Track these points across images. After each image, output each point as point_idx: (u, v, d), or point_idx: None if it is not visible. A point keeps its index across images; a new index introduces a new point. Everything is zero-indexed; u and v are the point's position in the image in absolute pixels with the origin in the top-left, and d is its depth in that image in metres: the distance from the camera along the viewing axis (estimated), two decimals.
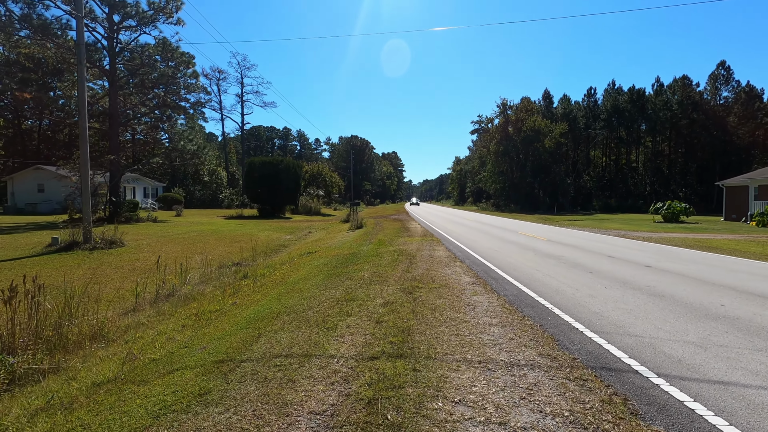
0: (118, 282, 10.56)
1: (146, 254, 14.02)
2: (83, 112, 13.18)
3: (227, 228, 24.39)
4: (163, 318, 7.04)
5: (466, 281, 6.85)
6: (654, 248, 12.25)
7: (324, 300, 5.77)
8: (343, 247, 12.22)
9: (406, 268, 8.00)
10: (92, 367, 4.79)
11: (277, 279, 8.43)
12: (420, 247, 11.31)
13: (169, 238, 18.52)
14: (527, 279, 7.13)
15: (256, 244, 17.95)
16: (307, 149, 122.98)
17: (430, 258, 9.43)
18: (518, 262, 9.00)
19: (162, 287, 9.22)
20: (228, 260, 13.82)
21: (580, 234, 17.74)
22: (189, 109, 35.21)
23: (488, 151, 64.79)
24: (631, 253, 11.00)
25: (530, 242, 13.55)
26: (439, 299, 5.58)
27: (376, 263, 8.72)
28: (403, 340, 3.94)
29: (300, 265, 9.95)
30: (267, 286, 7.91)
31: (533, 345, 3.83)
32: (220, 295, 8.03)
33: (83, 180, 13.46)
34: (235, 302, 6.82)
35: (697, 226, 24.76)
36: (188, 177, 61.22)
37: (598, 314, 4.94)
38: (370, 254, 10.11)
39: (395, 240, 13.41)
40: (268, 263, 11.27)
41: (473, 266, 8.40)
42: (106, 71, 26.80)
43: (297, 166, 40.42)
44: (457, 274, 7.51)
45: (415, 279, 6.94)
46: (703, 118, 60.11)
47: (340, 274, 7.80)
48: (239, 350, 4.04)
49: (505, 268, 8.26)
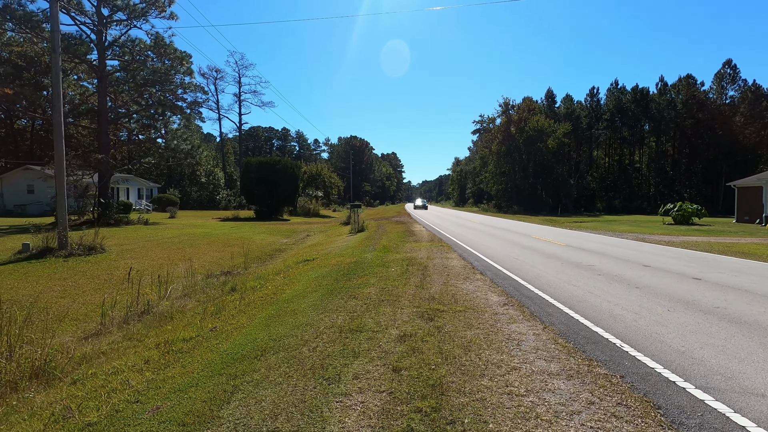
0: (90, 295, 9.35)
1: (128, 261, 12.80)
2: (58, 105, 11.97)
3: (221, 231, 23.18)
4: (128, 346, 5.84)
5: (495, 301, 5.65)
6: (686, 255, 11.07)
7: (323, 329, 4.57)
8: (344, 254, 11.02)
9: (419, 283, 6.80)
10: (13, 426, 3.59)
11: (269, 294, 7.23)
12: (430, 255, 10.11)
13: (157, 242, 17.30)
14: (568, 298, 5.94)
15: (250, 249, 16.74)
16: (306, 150, 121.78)
17: (444, 268, 8.23)
18: (547, 275, 7.81)
19: (137, 303, 8.02)
20: (218, 268, 12.62)
21: (596, 237, 16.58)
22: (186, 109, 34.03)
23: (490, 152, 63.63)
24: (665, 261, 9.82)
25: (549, 248, 12.36)
26: (470, 330, 4.39)
27: (383, 275, 7.53)
28: (437, 406, 2.75)
29: (296, 276, 8.75)
30: (256, 303, 6.70)
31: (627, 416, 2.63)
32: (200, 314, 6.83)
33: (58, 179, 12.25)
34: (215, 327, 5.62)
35: (712, 228, 23.61)
36: (185, 178, 60.00)
37: (686, 355, 3.75)
38: (375, 263, 8.91)
39: (401, 246, 12.21)
40: (261, 273, 10.07)
41: (497, 280, 7.20)
42: (94, 66, 25.57)
43: (295, 167, 39.20)
44: (482, 290, 6.32)
45: (433, 298, 5.74)
46: (709, 117, 59.04)
47: (342, 289, 6.61)
48: (202, 417, 2.84)
49: (535, 282, 7.06)
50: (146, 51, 27.76)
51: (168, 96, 30.86)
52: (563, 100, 71.24)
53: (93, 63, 25.40)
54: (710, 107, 60.34)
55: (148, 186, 47.92)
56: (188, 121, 51.75)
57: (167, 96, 30.74)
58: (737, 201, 33.04)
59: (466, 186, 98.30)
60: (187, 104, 33.47)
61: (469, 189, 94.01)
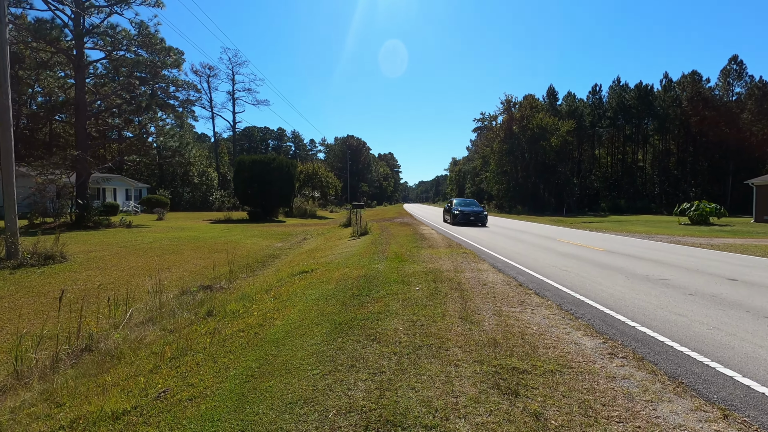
0: (28, 320, 7.36)
1: (92, 273, 10.79)
2: (5, 87, 9.95)
3: (210, 234, 21.16)
4: (43, 412, 3.89)
5: (592, 348, 3.74)
6: (756, 262, 9.24)
7: (333, 417, 2.64)
8: (349, 264, 9.09)
9: (462, 311, 4.89)
10: None
11: (253, 327, 5.28)
12: (457, 266, 8.19)
13: (135, 248, 15.29)
14: (698, 340, 4.03)
15: (240, 256, 14.78)
16: (302, 150, 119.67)
17: (484, 287, 6.31)
18: (624, 295, 5.91)
19: (78, 334, 6.06)
20: (199, 279, 10.65)
21: (624, 240, 14.83)
22: (178, 107, 31.93)
23: (492, 150, 61.92)
24: (744, 271, 7.97)
25: (589, 254, 10.48)
26: (597, 426, 2.47)
27: (407, 298, 5.61)
28: None
29: (290, 295, 6.80)
30: (233, 343, 4.76)
31: None
32: (156, 356, 4.89)
33: (5, 174, 10.23)
34: (166, 390, 3.67)
35: (736, 229, 21.92)
36: (177, 178, 57.90)
37: None
38: (391, 278, 6.98)
39: (416, 253, 10.28)
40: (247, 290, 8.10)
41: (566, 305, 5.28)
42: (70, 55, 23.48)
43: (291, 165, 37.15)
44: (558, 325, 4.40)
45: (496, 343, 3.82)
46: (715, 114, 57.56)
47: (354, 322, 4.68)
48: None
49: (621, 308, 5.15)
50: (129, 40, 25.69)
51: (160, 95, 28.80)
52: (565, 98, 69.57)
53: (69, 51, 23.31)
54: (716, 104, 58.87)
55: (137, 186, 45.74)
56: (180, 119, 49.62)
57: (159, 95, 28.67)
58: (756, 200, 31.42)
59: (465, 186, 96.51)
60: (180, 102, 31.39)
61: (468, 189, 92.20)
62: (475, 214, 21.15)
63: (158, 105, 28.61)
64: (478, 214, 21.27)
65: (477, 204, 24.09)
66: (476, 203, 24.29)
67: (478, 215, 21.14)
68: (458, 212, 21.21)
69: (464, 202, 24.05)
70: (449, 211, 22.80)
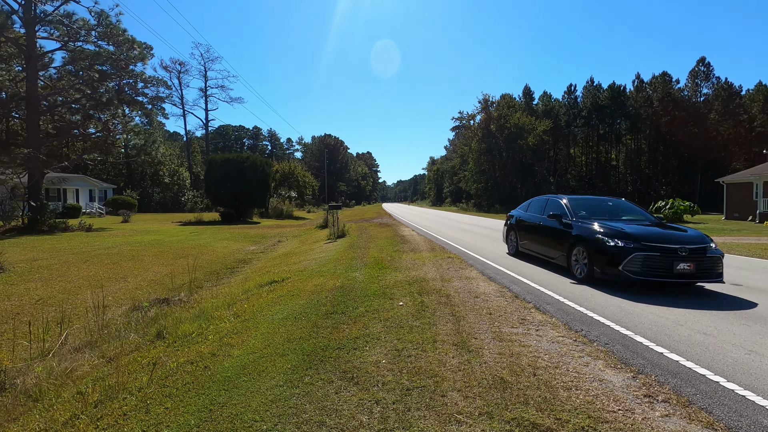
0: None
1: (32, 285, 9.54)
2: None
3: (177, 237, 19.83)
4: None
5: (622, 387, 3.01)
6: (755, 264, 8.88)
7: None
8: (324, 272, 8.21)
9: (456, 337, 4.11)
10: None
11: (203, 357, 4.36)
12: (443, 274, 7.43)
13: (90, 254, 13.95)
14: (745, 371, 3.38)
15: (207, 261, 13.67)
16: (279, 149, 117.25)
17: (475, 300, 5.57)
18: (639, 309, 5.27)
19: None
20: (155, 291, 9.55)
21: None
22: (147, 104, 30.11)
23: (470, 149, 61.89)
24: (743, 275, 7.53)
25: None
26: None
27: (390, 317, 4.80)
28: None
29: (254, 313, 5.89)
30: (176, 379, 3.84)
31: None
32: (79, 400, 3.91)
33: None
34: None
35: (708, 226, 22.19)
36: (146, 178, 55.47)
37: None
38: (371, 290, 6.17)
39: (398, 258, 9.49)
40: (205, 306, 7.11)
41: (575, 324, 4.58)
42: (21, 45, 21.64)
43: (265, 164, 35.80)
44: (573, 353, 3.67)
45: (504, 384, 3.05)
46: (684, 115, 59.22)
47: (326, 352, 3.85)
48: None
49: (636, 327, 4.50)
50: (88, 30, 23.94)
51: (127, 90, 27.04)
52: (541, 98, 70.34)
53: (18, 40, 21.47)
54: (685, 105, 60.60)
55: (101, 187, 43.32)
56: (150, 117, 47.23)
57: (126, 90, 26.91)
58: (726, 197, 32.14)
59: (443, 185, 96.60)
60: (149, 99, 29.61)
61: (447, 188, 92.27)
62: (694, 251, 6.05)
63: (125, 101, 26.89)
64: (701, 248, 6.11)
65: (644, 212, 8.12)
66: (639, 209, 8.25)
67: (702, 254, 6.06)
68: (619, 247, 6.21)
69: (604, 206, 8.29)
70: (569, 238, 7.40)
